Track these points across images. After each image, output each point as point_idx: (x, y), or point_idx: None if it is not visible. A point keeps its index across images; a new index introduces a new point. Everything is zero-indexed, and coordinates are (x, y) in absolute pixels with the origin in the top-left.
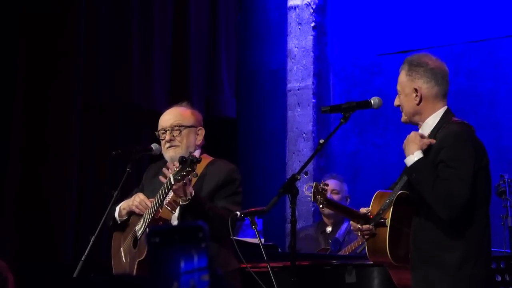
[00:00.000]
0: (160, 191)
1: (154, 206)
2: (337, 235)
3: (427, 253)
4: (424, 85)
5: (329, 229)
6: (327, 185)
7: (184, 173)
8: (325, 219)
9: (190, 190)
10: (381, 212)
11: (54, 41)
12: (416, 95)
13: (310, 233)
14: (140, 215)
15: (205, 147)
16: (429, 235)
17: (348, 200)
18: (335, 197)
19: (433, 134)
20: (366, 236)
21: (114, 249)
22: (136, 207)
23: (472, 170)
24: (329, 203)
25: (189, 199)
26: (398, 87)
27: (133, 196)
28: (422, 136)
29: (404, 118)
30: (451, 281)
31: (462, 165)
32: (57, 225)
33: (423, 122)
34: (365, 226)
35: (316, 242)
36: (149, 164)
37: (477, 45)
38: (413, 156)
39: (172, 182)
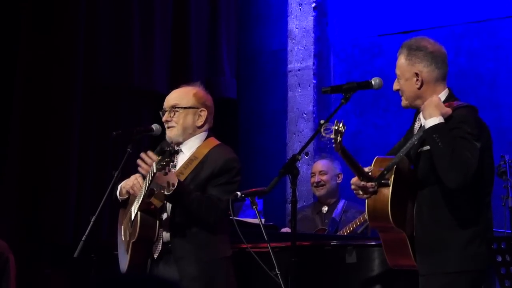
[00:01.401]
0: (147, 177)
1: (143, 189)
2: (333, 215)
3: (433, 231)
4: (425, 69)
5: (325, 209)
6: (345, 126)
7: (164, 163)
8: (320, 200)
9: (173, 180)
10: (384, 172)
11: (55, 23)
12: (417, 80)
13: (307, 214)
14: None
15: (211, 130)
16: (436, 214)
17: (341, 177)
18: (323, 177)
19: None
20: (367, 194)
21: (118, 226)
22: (131, 188)
23: (479, 148)
24: (343, 149)
25: (171, 189)
26: (397, 72)
27: (131, 177)
28: None
29: (404, 102)
30: (458, 258)
31: (471, 142)
32: (58, 206)
33: None
34: (369, 184)
35: (312, 223)
36: (149, 144)
37: (478, 25)
38: (436, 119)
39: (154, 171)
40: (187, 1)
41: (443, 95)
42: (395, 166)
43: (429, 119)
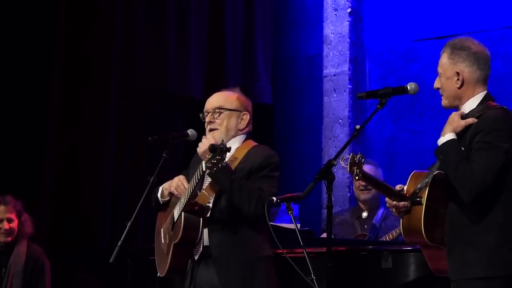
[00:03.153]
0: (194, 176)
1: (189, 190)
2: (374, 221)
3: (463, 235)
4: (466, 69)
5: (365, 214)
6: (363, 157)
7: (214, 161)
8: (361, 205)
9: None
10: (417, 191)
11: (91, 28)
12: (458, 79)
13: (346, 219)
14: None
15: (250, 134)
16: (464, 218)
17: None
18: None
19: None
20: (401, 214)
21: (157, 229)
22: (175, 189)
23: (504, 155)
24: (364, 176)
25: (219, 166)
26: (439, 70)
27: (175, 178)
28: (462, 116)
29: (444, 102)
30: (487, 264)
31: (494, 148)
32: (93, 211)
33: (462, 106)
34: (401, 203)
35: (352, 228)
36: (185, 149)
37: None
38: (444, 138)
39: (204, 169)
40: (222, 7)
41: (479, 96)
42: (429, 182)
43: (439, 139)
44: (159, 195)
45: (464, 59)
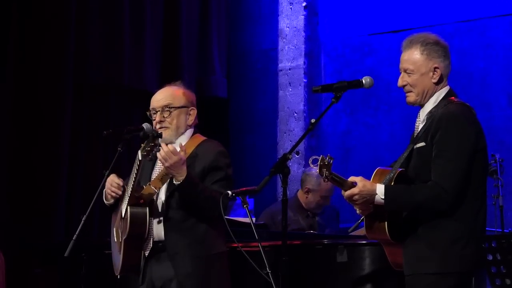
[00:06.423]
0: (133, 168)
1: (130, 184)
2: (317, 218)
3: (418, 231)
4: (441, 63)
5: (309, 213)
6: (332, 158)
7: (148, 148)
8: (304, 206)
9: (183, 170)
10: None
11: (46, 22)
12: (435, 74)
13: (289, 215)
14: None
15: (197, 127)
16: (421, 214)
17: None
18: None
19: (431, 114)
20: (365, 212)
21: (111, 228)
22: (111, 191)
23: (465, 154)
24: (333, 178)
25: (181, 179)
26: (410, 66)
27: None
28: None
29: (415, 98)
30: (440, 260)
31: (452, 150)
32: (48, 205)
33: (427, 101)
34: None
35: (296, 224)
36: (140, 143)
37: (468, 24)
38: (378, 195)
39: (140, 158)
40: (178, 0)
41: (444, 91)
42: (393, 179)
43: (376, 199)
44: (104, 198)
45: (439, 54)
